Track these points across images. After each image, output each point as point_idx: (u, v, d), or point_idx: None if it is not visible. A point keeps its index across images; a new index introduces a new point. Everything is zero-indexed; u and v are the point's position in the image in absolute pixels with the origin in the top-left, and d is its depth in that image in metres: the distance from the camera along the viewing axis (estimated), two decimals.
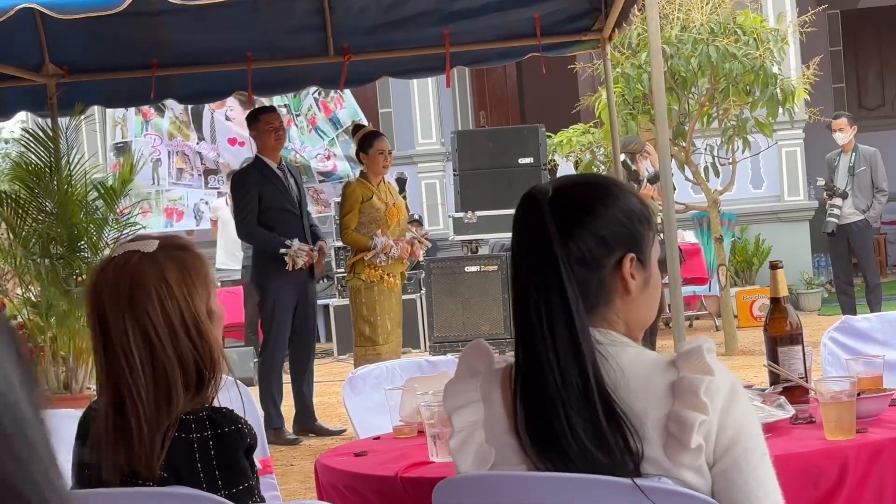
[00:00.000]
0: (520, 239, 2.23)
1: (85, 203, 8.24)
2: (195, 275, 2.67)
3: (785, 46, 11.62)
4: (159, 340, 2.59)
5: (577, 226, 2.20)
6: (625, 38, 11.24)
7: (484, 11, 8.42)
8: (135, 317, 2.60)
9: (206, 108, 15.88)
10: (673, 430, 2.14)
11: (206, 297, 2.68)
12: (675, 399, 2.15)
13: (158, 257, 2.64)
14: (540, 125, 11.93)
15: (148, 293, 2.60)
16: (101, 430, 2.63)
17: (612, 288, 2.23)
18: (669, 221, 5.97)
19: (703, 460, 2.14)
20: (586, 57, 11.93)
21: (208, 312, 2.68)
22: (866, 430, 3.07)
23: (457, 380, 2.35)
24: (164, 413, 2.58)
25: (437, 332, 11.70)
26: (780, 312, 3.47)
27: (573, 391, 2.14)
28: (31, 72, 8.50)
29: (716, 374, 2.17)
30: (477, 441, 2.27)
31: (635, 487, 2.09)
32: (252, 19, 8.44)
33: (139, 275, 2.61)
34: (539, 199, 2.21)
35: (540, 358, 2.16)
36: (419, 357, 5.45)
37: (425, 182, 16.64)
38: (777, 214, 15.54)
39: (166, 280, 2.62)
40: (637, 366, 2.20)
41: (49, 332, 8.14)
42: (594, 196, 2.26)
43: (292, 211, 8.53)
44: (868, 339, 4.48)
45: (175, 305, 2.61)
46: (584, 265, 2.20)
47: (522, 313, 2.20)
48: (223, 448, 2.59)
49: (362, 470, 3.14)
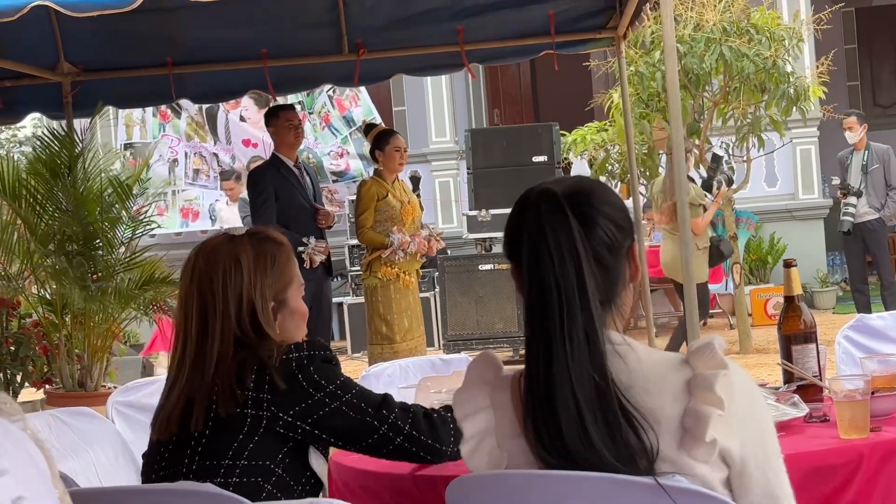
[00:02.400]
0: (537, 238, 2.22)
1: (102, 200, 8.25)
2: (271, 263, 2.87)
3: (800, 44, 11.59)
4: (214, 312, 2.81)
5: (598, 213, 2.25)
6: (638, 36, 11.23)
7: (498, 8, 8.40)
8: (199, 286, 2.84)
9: (221, 109, 15.89)
10: (688, 426, 2.15)
11: (278, 287, 2.88)
12: (690, 396, 2.17)
13: (240, 241, 2.88)
14: (554, 123, 11.93)
15: (216, 267, 2.84)
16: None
17: (628, 274, 2.30)
18: (684, 220, 5.95)
19: (718, 455, 2.15)
20: (600, 55, 11.91)
21: (279, 302, 2.86)
22: (880, 428, 3.06)
23: (466, 388, 2.36)
24: (198, 380, 2.77)
25: (450, 330, 11.70)
26: (794, 311, 3.47)
27: (587, 391, 2.15)
28: (46, 70, 8.52)
29: (730, 369, 2.19)
30: (488, 447, 2.28)
31: (651, 486, 2.10)
32: (266, 16, 8.43)
33: (216, 252, 2.88)
34: (555, 194, 2.23)
35: (557, 357, 2.17)
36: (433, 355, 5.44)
37: (439, 180, 16.63)
38: (791, 213, 15.51)
39: (238, 260, 2.84)
40: (650, 364, 2.22)
41: (64, 330, 8.15)
42: (600, 189, 2.32)
43: (308, 209, 8.53)
44: (883, 338, 4.48)
45: (237, 285, 2.82)
46: (610, 250, 2.25)
47: (541, 312, 2.20)
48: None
49: (376, 468, 3.14)
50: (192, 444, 2.74)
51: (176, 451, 2.79)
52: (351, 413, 2.77)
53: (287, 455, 2.74)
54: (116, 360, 9.48)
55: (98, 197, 8.25)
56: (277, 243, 2.94)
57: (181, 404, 2.79)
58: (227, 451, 2.71)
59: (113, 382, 8.49)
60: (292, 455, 2.75)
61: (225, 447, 2.71)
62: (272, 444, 2.73)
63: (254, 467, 2.71)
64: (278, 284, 2.89)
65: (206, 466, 2.72)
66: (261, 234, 2.94)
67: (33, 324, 8.39)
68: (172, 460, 2.79)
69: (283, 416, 2.72)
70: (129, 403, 4.34)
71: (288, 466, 2.74)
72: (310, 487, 2.79)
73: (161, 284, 8.31)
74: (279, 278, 2.89)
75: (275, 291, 2.88)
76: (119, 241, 8.41)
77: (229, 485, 2.68)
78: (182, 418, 2.78)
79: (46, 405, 7.98)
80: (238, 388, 2.72)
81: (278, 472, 2.73)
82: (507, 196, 11.27)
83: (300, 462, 2.77)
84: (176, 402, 2.80)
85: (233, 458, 2.70)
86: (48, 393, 8.34)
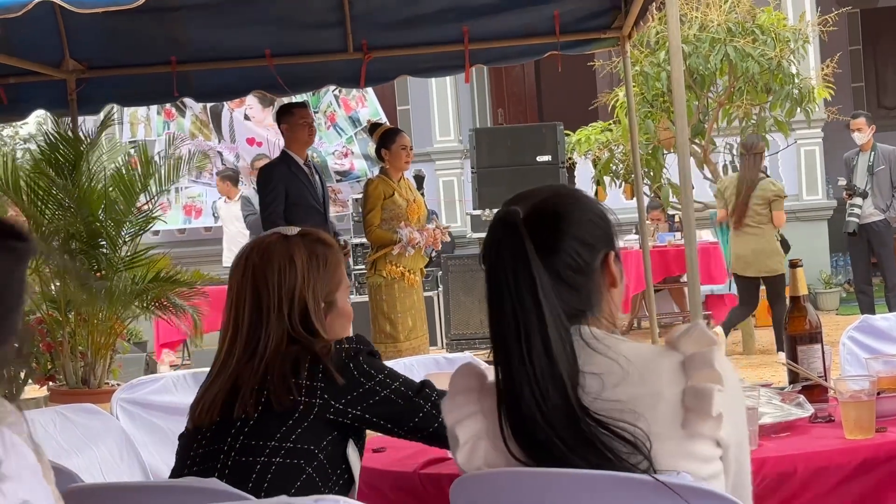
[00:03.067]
0: (495, 263, 2.23)
1: (106, 198, 8.25)
2: (323, 264, 2.96)
3: (805, 45, 11.59)
4: (267, 308, 2.89)
5: (561, 236, 2.25)
6: (643, 36, 11.24)
7: (503, 8, 8.40)
8: (253, 282, 2.92)
9: (226, 108, 15.90)
10: (691, 404, 2.15)
11: (329, 288, 2.96)
12: (688, 376, 2.18)
13: (293, 240, 2.97)
14: (558, 123, 11.92)
15: (271, 265, 2.92)
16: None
17: (603, 286, 2.30)
18: (688, 220, 5.94)
19: (722, 432, 2.16)
20: (605, 54, 11.91)
21: (328, 303, 2.95)
22: (885, 429, 3.06)
23: (453, 396, 2.37)
24: (248, 371, 2.86)
25: (454, 329, 11.70)
26: (799, 311, 3.46)
27: (550, 406, 2.16)
28: (51, 67, 8.52)
29: (720, 346, 2.21)
30: (483, 451, 2.28)
31: (653, 483, 2.09)
32: (271, 15, 8.43)
33: (270, 250, 2.96)
34: (514, 222, 2.23)
35: (518, 377, 2.18)
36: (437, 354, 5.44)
37: (443, 179, 16.63)
38: (795, 214, 15.50)
39: (292, 259, 2.93)
40: (639, 354, 2.23)
41: (68, 328, 8.16)
42: (567, 204, 2.31)
43: (317, 207, 8.51)
44: (887, 339, 4.47)
45: (292, 284, 2.90)
46: (578, 271, 2.26)
47: (500, 336, 2.22)
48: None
49: (381, 466, 3.15)
50: (237, 425, 2.83)
51: (218, 433, 2.86)
52: (399, 400, 2.88)
53: (330, 443, 2.84)
54: (120, 358, 9.48)
55: (102, 195, 8.26)
56: (328, 245, 3.03)
57: (226, 390, 2.88)
58: (275, 434, 2.80)
59: (116, 380, 8.49)
60: (335, 443, 2.85)
61: (273, 430, 2.81)
62: (320, 430, 2.83)
63: (299, 450, 2.80)
64: (329, 286, 2.98)
65: (251, 446, 2.81)
66: (313, 236, 3.03)
67: (37, 321, 8.39)
68: (214, 440, 2.86)
69: (335, 403, 2.82)
70: (133, 400, 4.34)
71: (330, 454, 2.84)
72: (343, 481, 2.88)
73: (165, 283, 8.31)
74: (330, 280, 2.98)
75: (326, 292, 2.96)
76: (123, 238, 8.41)
77: (272, 464, 2.79)
78: (226, 405, 2.86)
79: (50, 402, 7.99)
80: (292, 377, 2.82)
81: (321, 457, 2.82)
82: (510, 195, 11.25)
83: (340, 451, 2.87)
84: (221, 388, 2.89)
85: (280, 440, 2.80)
86: (52, 390, 8.35)
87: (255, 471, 2.78)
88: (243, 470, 2.79)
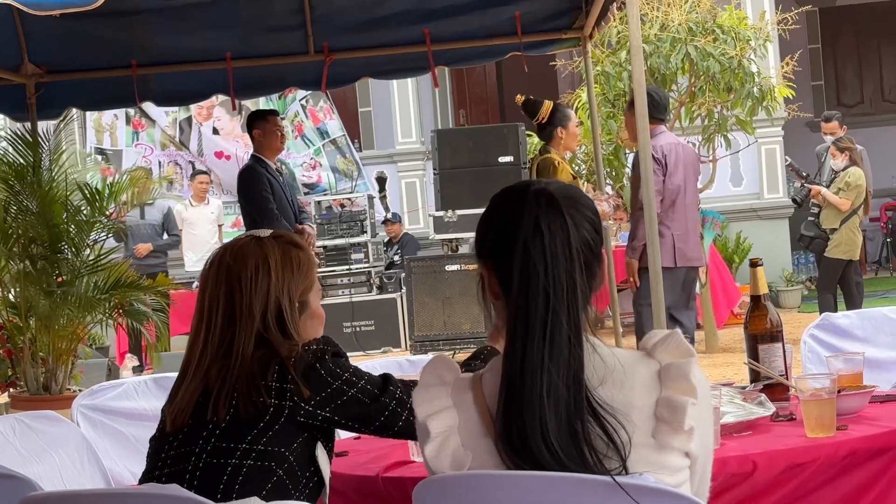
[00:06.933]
0: (532, 236, 2.19)
1: (68, 204, 8.19)
2: (296, 266, 2.98)
3: (767, 44, 11.64)
4: (240, 309, 2.90)
5: (584, 217, 2.24)
6: (604, 36, 11.26)
7: (464, 10, 8.40)
8: (227, 283, 2.93)
9: (194, 122, 15.87)
10: (663, 415, 2.15)
11: (301, 290, 2.98)
12: (662, 386, 2.18)
13: (266, 242, 2.98)
14: (520, 124, 11.93)
15: (245, 266, 2.93)
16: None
17: (599, 278, 2.27)
18: (651, 219, 5.89)
19: (692, 445, 2.16)
20: (566, 55, 11.93)
21: (301, 304, 2.98)
22: (847, 427, 3.07)
23: (425, 388, 2.34)
24: (219, 373, 2.86)
25: (417, 331, 11.68)
26: (760, 310, 3.47)
27: (558, 397, 2.14)
28: (9, 71, 8.46)
29: (695, 357, 2.20)
30: (453, 446, 2.27)
31: (615, 485, 2.09)
32: (232, 18, 8.39)
33: (244, 251, 2.98)
34: (554, 196, 2.21)
35: (531, 360, 2.16)
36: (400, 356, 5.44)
37: (405, 181, 16.63)
38: (757, 212, 15.58)
39: (266, 260, 2.94)
40: (616, 361, 2.22)
41: (28, 333, 8.10)
42: (580, 192, 2.31)
43: (291, 209, 8.63)
44: (848, 337, 4.50)
45: (265, 285, 2.92)
46: (591, 251, 2.24)
47: (525, 313, 2.18)
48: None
49: (344, 470, 3.14)
50: (209, 427, 2.84)
51: (189, 435, 2.87)
52: (366, 399, 2.89)
53: (300, 445, 2.86)
54: (81, 363, 9.41)
55: (64, 199, 8.20)
56: (300, 247, 3.05)
57: (198, 392, 2.89)
58: (246, 436, 2.82)
59: (78, 385, 8.43)
60: (304, 445, 2.87)
61: (245, 433, 2.82)
62: (291, 433, 2.84)
63: (269, 453, 2.82)
64: (302, 287, 3.00)
65: (222, 448, 2.82)
66: (286, 238, 3.06)
67: None
68: (185, 442, 2.87)
69: (304, 405, 2.83)
70: (95, 406, 4.32)
71: (299, 456, 2.85)
72: (313, 483, 2.90)
73: (128, 288, 8.26)
74: (303, 281, 3.00)
75: (299, 293, 2.99)
76: (86, 243, 8.35)
77: (243, 466, 2.80)
78: (198, 407, 2.87)
79: (11, 409, 7.93)
80: (262, 380, 2.83)
81: (290, 459, 2.84)
82: (473, 196, 11.27)
83: (309, 453, 2.89)
84: (193, 390, 2.90)
85: (251, 442, 2.81)
86: (12, 396, 8.28)
87: (226, 473, 2.80)
88: (214, 472, 2.80)
